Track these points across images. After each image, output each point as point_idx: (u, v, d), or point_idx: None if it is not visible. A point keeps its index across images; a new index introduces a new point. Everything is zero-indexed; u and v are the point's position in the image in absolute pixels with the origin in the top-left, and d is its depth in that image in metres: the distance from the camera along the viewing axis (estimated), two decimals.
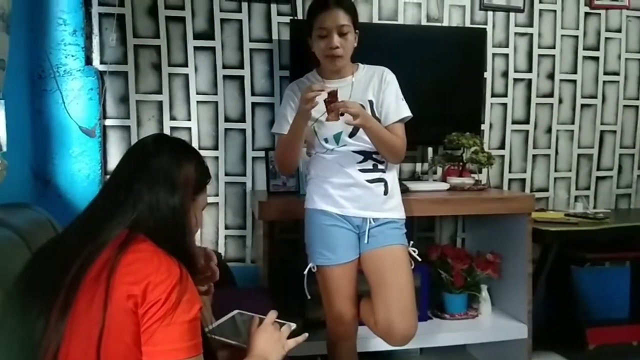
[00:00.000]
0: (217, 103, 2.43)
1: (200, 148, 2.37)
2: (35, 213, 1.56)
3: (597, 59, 2.78)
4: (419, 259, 1.85)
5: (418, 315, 1.82)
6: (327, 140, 1.76)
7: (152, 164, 1.01)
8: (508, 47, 2.68)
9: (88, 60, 2.24)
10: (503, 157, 2.72)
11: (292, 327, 1.20)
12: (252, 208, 2.42)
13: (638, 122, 2.86)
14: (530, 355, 2.25)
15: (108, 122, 2.33)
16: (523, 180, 2.76)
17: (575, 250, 2.44)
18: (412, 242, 1.85)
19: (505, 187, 2.74)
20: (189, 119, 2.41)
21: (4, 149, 1.52)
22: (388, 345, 1.85)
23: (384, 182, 1.79)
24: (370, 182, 1.77)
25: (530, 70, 2.71)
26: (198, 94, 2.41)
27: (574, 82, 2.77)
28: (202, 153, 1.14)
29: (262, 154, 2.41)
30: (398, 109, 1.77)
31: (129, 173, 1.03)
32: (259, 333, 1.14)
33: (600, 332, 2.47)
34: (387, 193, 1.79)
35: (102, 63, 2.30)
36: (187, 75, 2.40)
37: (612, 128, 2.83)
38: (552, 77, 2.74)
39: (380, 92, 1.77)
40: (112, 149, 2.33)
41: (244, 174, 2.47)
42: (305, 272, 1.80)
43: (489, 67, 2.65)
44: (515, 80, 2.70)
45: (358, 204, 1.77)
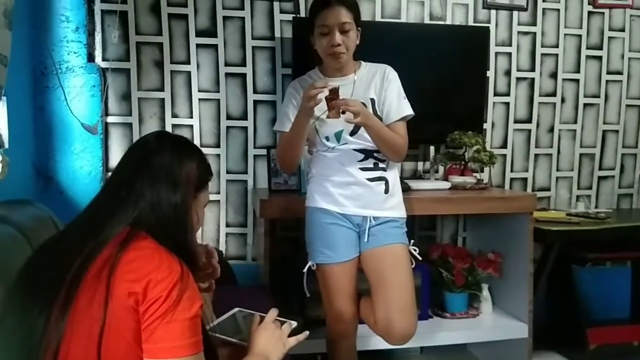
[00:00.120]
0: (219, 101, 2.43)
1: (202, 145, 2.37)
2: (37, 210, 1.56)
3: (600, 58, 2.77)
4: (420, 258, 1.85)
5: (419, 314, 1.82)
6: (328, 138, 1.76)
7: (153, 162, 1.01)
8: (511, 45, 2.67)
9: (90, 57, 2.24)
10: (505, 156, 2.71)
11: (293, 325, 1.20)
12: (253, 206, 2.42)
13: None
14: (531, 355, 2.25)
15: (110, 119, 2.33)
16: (525, 180, 2.75)
17: (577, 250, 2.44)
18: (412, 240, 1.84)
19: (507, 186, 2.73)
20: (191, 117, 2.41)
21: (6, 146, 1.52)
22: (388, 344, 1.84)
23: (385, 180, 1.78)
24: (371, 180, 1.76)
25: (533, 69, 2.70)
26: (200, 92, 2.41)
27: (577, 81, 2.76)
28: (203, 150, 1.14)
29: (263, 152, 2.41)
30: (400, 108, 1.76)
31: (131, 170, 1.03)
32: (260, 331, 1.14)
33: (601, 332, 2.47)
34: (387, 192, 1.78)
35: (104, 60, 2.30)
36: (189, 73, 2.40)
37: (614, 128, 2.83)
38: (554, 76, 2.73)
39: (382, 90, 1.77)
40: (114, 146, 2.34)
41: (246, 172, 2.47)
42: (305, 270, 1.81)
43: (492, 65, 2.65)
44: (518, 79, 2.69)
45: (358, 203, 1.76)
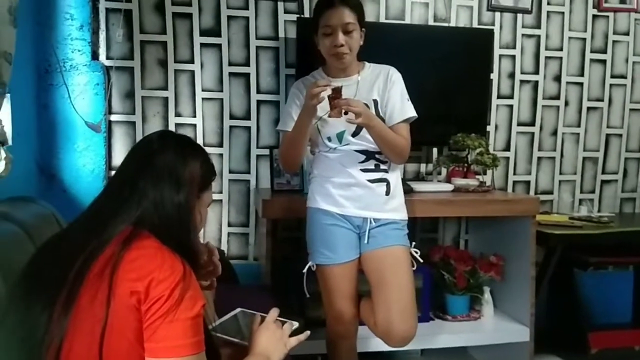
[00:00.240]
0: (222, 100, 2.43)
1: (205, 145, 2.37)
2: (40, 207, 1.56)
3: (604, 62, 2.77)
4: (421, 260, 1.84)
5: (420, 316, 1.81)
6: (330, 139, 1.76)
7: (156, 161, 1.01)
8: (515, 48, 2.67)
9: (94, 55, 2.24)
10: (508, 159, 2.71)
11: (294, 325, 1.20)
12: (255, 206, 2.42)
13: None
14: (532, 358, 2.24)
15: (113, 117, 2.34)
16: (528, 183, 2.75)
17: (579, 254, 2.43)
18: (414, 242, 1.84)
19: (510, 189, 2.73)
20: (194, 116, 2.41)
21: (10, 143, 1.52)
22: (388, 346, 1.84)
23: (386, 182, 1.78)
24: (372, 182, 1.76)
25: (537, 72, 2.70)
26: (203, 91, 2.41)
27: (581, 84, 2.75)
28: (206, 150, 1.14)
29: (266, 152, 2.41)
30: (403, 109, 1.76)
31: (134, 170, 1.02)
32: (261, 331, 1.13)
33: (603, 336, 2.47)
34: (388, 193, 1.78)
35: (108, 58, 2.31)
36: (193, 72, 2.40)
37: (618, 131, 2.82)
38: (558, 79, 2.73)
39: (386, 91, 1.76)
40: (117, 145, 2.34)
41: (248, 172, 2.47)
42: (305, 270, 1.80)
43: (496, 68, 2.65)
44: (522, 82, 2.69)
45: (359, 204, 1.76)
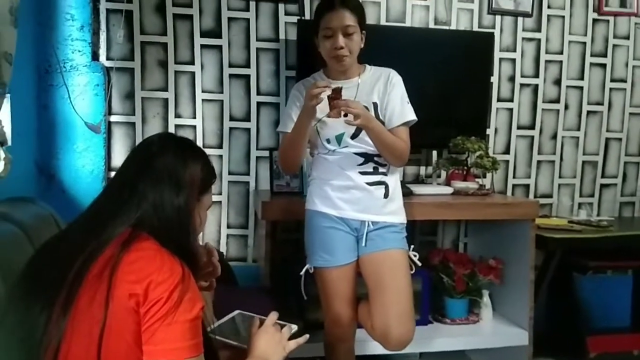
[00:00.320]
0: (222, 101, 2.43)
1: (205, 146, 2.37)
2: (39, 208, 1.56)
3: (604, 66, 2.77)
4: (419, 264, 1.84)
5: (418, 319, 1.81)
6: (329, 141, 1.75)
7: (157, 164, 1.01)
8: (515, 51, 2.67)
9: (95, 56, 2.24)
10: (508, 162, 2.71)
11: (293, 328, 1.19)
12: (254, 208, 2.42)
13: None
14: None
15: (113, 118, 2.33)
16: (527, 186, 2.75)
17: (578, 258, 2.43)
18: (412, 246, 1.83)
19: (509, 192, 2.72)
20: (194, 117, 2.41)
21: (9, 143, 1.52)
22: (386, 349, 1.83)
23: (385, 185, 1.77)
24: (370, 184, 1.75)
25: (537, 76, 2.70)
26: (204, 92, 2.41)
27: (581, 88, 2.75)
28: (206, 151, 1.14)
29: (266, 154, 2.41)
30: (403, 112, 1.75)
31: (134, 172, 1.02)
32: (260, 334, 1.13)
33: (602, 340, 2.47)
34: (387, 196, 1.77)
35: (108, 59, 2.31)
36: (193, 73, 2.40)
37: (617, 135, 2.82)
38: (558, 82, 2.73)
39: (386, 94, 1.76)
40: (116, 146, 2.34)
41: (248, 174, 2.46)
42: (302, 273, 1.80)
43: (496, 71, 2.65)
44: (522, 85, 2.69)
45: (357, 207, 1.75)
